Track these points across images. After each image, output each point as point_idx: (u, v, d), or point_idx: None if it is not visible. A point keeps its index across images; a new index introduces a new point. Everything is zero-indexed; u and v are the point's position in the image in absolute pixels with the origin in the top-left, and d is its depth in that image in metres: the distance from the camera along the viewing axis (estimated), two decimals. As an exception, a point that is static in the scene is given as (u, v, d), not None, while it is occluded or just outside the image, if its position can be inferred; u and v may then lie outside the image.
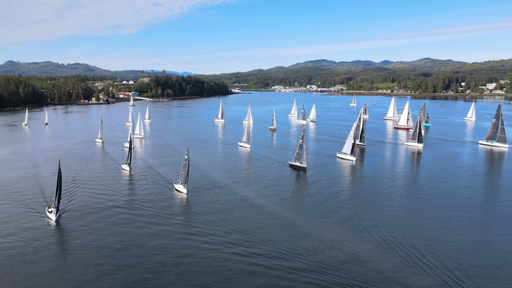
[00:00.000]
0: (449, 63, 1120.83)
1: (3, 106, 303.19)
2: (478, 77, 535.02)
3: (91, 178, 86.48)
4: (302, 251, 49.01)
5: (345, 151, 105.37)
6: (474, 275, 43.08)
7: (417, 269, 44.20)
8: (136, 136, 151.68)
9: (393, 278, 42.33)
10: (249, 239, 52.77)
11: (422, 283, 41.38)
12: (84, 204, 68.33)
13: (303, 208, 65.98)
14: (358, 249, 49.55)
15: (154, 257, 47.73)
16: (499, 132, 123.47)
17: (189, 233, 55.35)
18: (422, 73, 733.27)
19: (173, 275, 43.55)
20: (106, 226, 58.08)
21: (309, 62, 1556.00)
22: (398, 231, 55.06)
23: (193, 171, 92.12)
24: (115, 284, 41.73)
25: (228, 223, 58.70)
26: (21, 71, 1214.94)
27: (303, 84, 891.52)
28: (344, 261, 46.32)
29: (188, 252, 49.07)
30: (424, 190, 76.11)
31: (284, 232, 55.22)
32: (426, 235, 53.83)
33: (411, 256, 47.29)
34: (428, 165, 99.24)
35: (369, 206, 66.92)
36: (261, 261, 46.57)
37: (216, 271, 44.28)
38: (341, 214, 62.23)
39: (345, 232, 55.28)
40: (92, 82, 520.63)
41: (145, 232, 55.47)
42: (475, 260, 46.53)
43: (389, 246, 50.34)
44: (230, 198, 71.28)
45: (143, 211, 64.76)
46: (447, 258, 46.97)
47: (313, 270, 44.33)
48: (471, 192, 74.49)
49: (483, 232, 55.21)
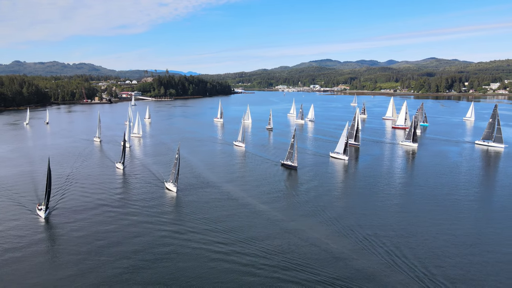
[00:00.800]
0: (454, 63, 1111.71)
1: (7, 105, 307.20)
2: (482, 77, 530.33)
3: (85, 177, 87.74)
4: (284, 250, 49.45)
5: (338, 150, 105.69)
6: (453, 276, 43.34)
7: (396, 268, 44.41)
8: (134, 135, 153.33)
9: (372, 277, 42.62)
10: (231, 238, 53.37)
11: (400, 282, 41.70)
12: (74, 202, 69.41)
13: (289, 207, 66.48)
14: (341, 248, 49.94)
15: (137, 254, 48.55)
16: (495, 132, 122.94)
17: (174, 231, 55.97)
18: (426, 73, 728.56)
19: (153, 271, 44.36)
20: (94, 224, 58.99)
21: (313, 62, 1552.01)
22: (382, 230, 55.33)
23: (185, 169, 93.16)
24: (98, 280, 42.58)
25: (213, 222, 59.33)
26: (27, 71, 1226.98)
27: (307, 84, 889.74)
28: (325, 260, 46.69)
29: (170, 250, 49.86)
30: (412, 190, 76.24)
31: (268, 231, 55.72)
32: (409, 234, 54.10)
33: (391, 255, 47.49)
34: (419, 164, 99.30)
35: (356, 205, 67.33)
36: (240, 258, 47.14)
37: (195, 269, 45.01)
38: (327, 213, 62.61)
39: (329, 231, 55.59)
40: (95, 82, 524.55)
41: (130, 230, 56.20)
42: (457, 262, 46.71)
43: (371, 245, 50.59)
44: (218, 197, 71.99)
45: (132, 209, 65.69)
46: (428, 258, 47.00)
47: (293, 268, 44.77)
48: (459, 192, 74.44)
49: (468, 233, 55.31)
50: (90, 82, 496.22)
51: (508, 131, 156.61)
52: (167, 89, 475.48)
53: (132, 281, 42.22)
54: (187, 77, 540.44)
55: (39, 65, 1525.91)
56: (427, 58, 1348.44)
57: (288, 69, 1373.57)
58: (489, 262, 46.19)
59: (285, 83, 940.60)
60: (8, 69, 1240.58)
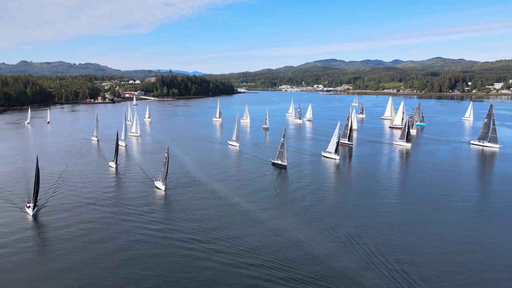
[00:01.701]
0: (460, 63, 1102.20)
1: (11, 105, 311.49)
2: (487, 77, 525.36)
3: (77, 175, 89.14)
4: (264, 248, 49.97)
5: (330, 150, 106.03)
6: (428, 277, 43.71)
7: (373, 268, 44.60)
8: (132, 134, 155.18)
9: (347, 276, 42.88)
10: (211, 236, 53.95)
11: (375, 281, 42.10)
12: (63, 200, 70.62)
13: (274, 207, 66.87)
14: (320, 247, 50.30)
15: (120, 252, 49.56)
16: (490, 132, 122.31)
17: (157, 229, 56.68)
18: (431, 73, 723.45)
19: (133, 268, 45.32)
20: (80, 222, 59.88)
21: (318, 61, 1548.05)
22: (363, 231, 55.59)
23: (176, 168, 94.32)
24: (82, 275, 43.69)
25: (196, 221, 59.97)
26: (33, 71, 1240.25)
27: (310, 84, 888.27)
28: (302, 258, 47.08)
29: (150, 247, 50.77)
30: (399, 190, 76.53)
31: (249, 230, 56.31)
32: (390, 236, 54.39)
33: (371, 256, 47.67)
34: (409, 165, 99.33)
35: (340, 205, 67.74)
36: (217, 257, 47.74)
37: (173, 266, 45.87)
38: (310, 213, 62.92)
39: (310, 230, 55.94)
40: (99, 82, 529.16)
41: (115, 229, 57.05)
42: (435, 264, 47.02)
43: (352, 244, 50.82)
44: (205, 196, 72.67)
45: (119, 207, 66.48)
46: (406, 260, 47.06)
47: (271, 267, 45.33)
48: (446, 192, 74.41)
49: (447, 235, 55.55)
50: (94, 82, 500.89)
51: (504, 131, 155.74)
52: (169, 89, 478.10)
53: (114, 277, 43.18)
54: (190, 77, 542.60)
55: (45, 65, 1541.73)
56: (433, 58, 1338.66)
57: (292, 69, 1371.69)
58: (471, 267, 46.43)
59: (289, 83, 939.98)
60: (15, 69, 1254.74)
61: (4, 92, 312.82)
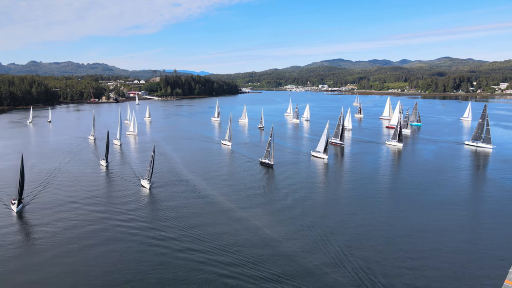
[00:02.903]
0: (468, 62, 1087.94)
1: (16, 104, 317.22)
2: (493, 76, 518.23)
3: (67, 173, 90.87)
4: (237, 247, 50.60)
5: (319, 149, 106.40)
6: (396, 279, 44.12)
7: (341, 267, 44.97)
8: (130, 133, 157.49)
9: (314, 275, 43.25)
10: (188, 234, 54.69)
11: (340, 280, 42.59)
12: (49, 198, 72.12)
13: (254, 205, 67.43)
14: (293, 246, 50.77)
15: (98, 246, 51.08)
16: (484, 133, 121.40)
17: (135, 227, 57.68)
18: (437, 73, 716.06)
19: (105, 265, 46.65)
20: (62, 219, 61.15)
21: (325, 61, 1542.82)
22: (338, 231, 55.88)
23: (164, 166, 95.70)
24: (62, 270, 45.06)
25: (175, 219, 60.76)
26: (43, 71, 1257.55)
27: (316, 83, 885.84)
28: (274, 257, 47.62)
29: (127, 244, 51.98)
30: (380, 190, 76.46)
31: (226, 228, 56.97)
32: (364, 236, 54.79)
33: (340, 255, 48.05)
34: (397, 165, 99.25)
35: (319, 205, 68.09)
36: (191, 255, 48.47)
37: (143, 263, 46.96)
38: (289, 212, 63.40)
39: (286, 229, 56.41)
40: (104, 82, 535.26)
41: (95, 226, 58.09)
42: (403, 266, 47.42)
43: (324, 244, 51.09)
44: (188, 195, 73.39)
45: (100, 206, 67.37)
46: (375, 261, 47.30)
47: (242, 265, 46.04)
48: (430, 193, 74.39)
49: (428, 236, 55.75)
50: (100, 82, 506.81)
51: (500, 131, 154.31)
52: (173, 89, 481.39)
53: (86, 272, 44.54)
54: (194, 77, 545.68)
55: (54, 65, 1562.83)
56: (441, 58, 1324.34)
57: (299, 68, 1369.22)
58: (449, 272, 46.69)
59: (294, 83, 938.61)
60: (24, 69, 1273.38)
61: (10, 92, 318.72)
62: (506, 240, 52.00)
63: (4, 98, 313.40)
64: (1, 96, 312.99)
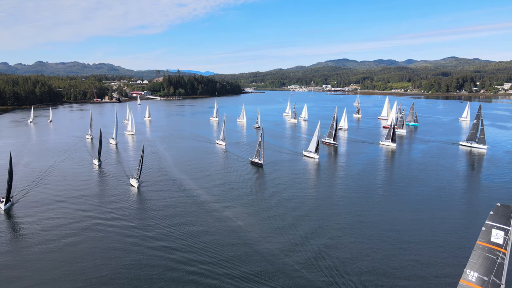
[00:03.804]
0: (474, 62, 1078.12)
1: (20, 104, 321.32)
2: (497, 76, 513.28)
3: (59, 172, 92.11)
4: (214, 246, 51.08)
5: (310, 149, 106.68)
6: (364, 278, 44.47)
7: (316, 267, 45.22)
8: (128, 132, 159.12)
9: (289, 274, 43.52)
10: (168, 233, 55.10)
11: (313, 280, 43.07)
12: (39, 196, 73.03)
13: (239, 205, 67.66)
14: (270, 246, 51.00)
15: (81, 244, 52.00)
16: (479, 133, 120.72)
17: (118, 226, 58.23)
18: (442, 73, 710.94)
19: (83, 261, 47.59)
20: (49, 217, 61.88)
21: (330, 61, 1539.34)
22: (317, 231, 56.02)
23: (156, 165, 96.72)
24: (45, 266, 46.02)
25: (159, 218, 61.20)
26: (49, 71, 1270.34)
27: (319, 83, 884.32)
28: (250, 256, 47.98)
29: (107, 242, 52.87)
30: (365, 191, 76.26)
31: (206, 227, 57.30)
32: (343, 235, 55.01)
33: (317, 255, 48.19)
34: (388, 165, 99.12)
35: (304, 204, 68.08)
36: (168, 254, 48.95)
37: (119, 260, 47.79)
38: (273, 211, 63.56)
39: (266, 228, 56.66)
40: (108, 82, 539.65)
41: (80, 224, 58.74)
42: (369, 262, 47.71)
43: (302, 244, 51.28)
44: (175, 194, 73.73)
45: (88, 205, 67.76)
46: (350, 263, 47.74)
47: (214, 262, 46.56)
48: (412, 194, 74.38)
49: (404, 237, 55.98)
50: (103, 82, 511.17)
51: (495, 132, 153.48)
52: (176, 89, 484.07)
53: (73, 268, 45.54)
54: (197, 77, 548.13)
55: (60, 65, 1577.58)
56: (447, 58, 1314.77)
57: (303, 69, 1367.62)
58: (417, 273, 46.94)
59: (298, 83, 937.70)
60: (31, 69, 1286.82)
61: (14, 91, 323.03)
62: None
63: (8, 98, 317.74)
64: (5, 96, 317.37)
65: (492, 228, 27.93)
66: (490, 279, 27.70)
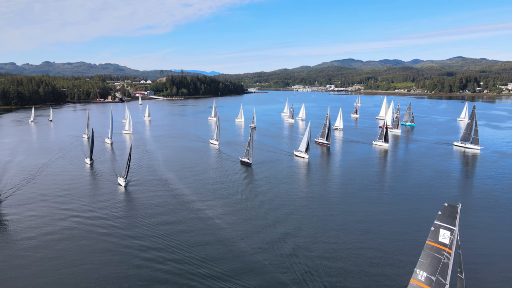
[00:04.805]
0: (481, 62, 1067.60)
1: (24, 104, 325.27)
2: (501, 76, 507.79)
3: (51, 170, 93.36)
4: (191, 245, 51.42)
5: (301, 148, 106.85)
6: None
7: (287, 267, 45.42)
8: (126, 132, 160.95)
9: (260, 273, 43.82)
10: (146, 233, 55.45)
11: (283, 279, 43.32)
12: (27, 194, 74.09)
13: (223, 204, 67.92)
14: (246, 245, 51.27)
15: (62, 241, 52.92)
16: (472, 134, 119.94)
17: (98, 225, 58.63)
18: (447, 72, 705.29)
19: (60, 258, 48.50)
20: (32, 216, 62.69)
21: (335, 61, 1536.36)
22: (295, 231, 56.17)
23: (146, 164, 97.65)
24: (23, 262, 46.98)
25: (141, 217, 61.72)
26: (56, 71, 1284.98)
27: (323, 83, 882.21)
28: (224, 255, 48.34)
29: (88, 240, 53.79)
30: (349, 190, 76.46)
31: (185, 227, 57.70)
32: (318, 236, 55.15)
33: (291, 255, 48.42)
34: (375, 164, 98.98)
35: (286, 204, 68.19)
36: (146, 253, 49.53)
37: (94, 257, 48.63)
38: (254, 211, 63.74)
39: (245, 228, 56.95)
40: (112, 82, 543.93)
41: (61, 223, 59.42)
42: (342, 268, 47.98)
43: (278, 244, 51.43)
44: (161, 194, 74.06)
45: (73, 204, 68.34)
46: (323, 266, 48.05)
47: (187, 262, 47.07)
48: (402, 199, 74.40)
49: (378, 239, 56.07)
50: (107, 82, 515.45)
51: (490, 132, 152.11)
52: (179, 89, 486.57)
53: (48, 264, 46.51)
54: (199, 77, 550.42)
55: (67, 65, 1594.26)
56: (453, 57, 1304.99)
57: (308, 68, 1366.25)
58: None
59: (302, 83, 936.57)
60: (38, 70, 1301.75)
61: (18, 91, 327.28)
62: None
63: (12, 97, 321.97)
64: (9, 96, 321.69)
65: (440, 228, 28.08)
66: (437, 278, 27.84)
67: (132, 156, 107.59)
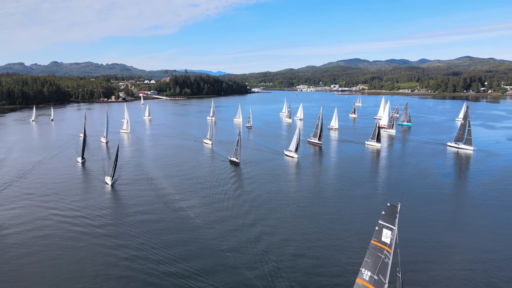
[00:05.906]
0: (489, 62, 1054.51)
1: (28, 103, 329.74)
2: (508, 76, 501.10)
3: (42, 168, 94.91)
4: (168, 246, 51.81)
5: (291, 148, 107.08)
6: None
7: (259, 268, 45.61)
8: (123, 131, 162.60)
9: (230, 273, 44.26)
10: (126, 232, 55.86)
11: (252, 279, 43.82)
12: (12, 191, 75.53)
13: (205, 204, 68.37)
14: (221, 246, 51.58)
15: (44, 239, 53.94)
16: (466, 134, 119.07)
17: (77, 223, 59.51)
18: (453, 72, 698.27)
19: (49, 259, 49.55)
20: (20, 213, 63.89)
21: (341, 61, 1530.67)
22: (273, 231, 56.32)
23: (136, 163, 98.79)
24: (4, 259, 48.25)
25: (122, 215, 62.37)
26: (63, 71, 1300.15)
27: (328, 83, 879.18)
28: (198, 254, 48.92)
29: (71, 239, 54.85)
30: (333, 192, 76.57)
31: (166, 226, 58.27)
32: (293, 237, 55.58)
33: (263, 256, 48.76)
34: (360, 164, 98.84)
35: (267, 204, 68.52)
36: (121, 252, 50.33)
37: (67, 257, 49.66)
38: (236, 211, 64.00)
39: (223, 227, 57.34)
40: (116, 82, 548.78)
41: (42, 221, 60.28)
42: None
43: (252, 243, 51.76)
44: (147, 193, 74.49)
45: (54, 202, 69.03)
46: (306, 272, 48.57)
47: (162, 261, 47.99)
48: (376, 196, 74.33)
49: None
50: (111, 82, 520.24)
51: (484, 132, 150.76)
52: (182, 89, 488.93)
53: (25, 260, 47.62)
54: (203, 77, 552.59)
55: (74, 65, 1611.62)
56: (461, 57, 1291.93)
57: (314, 68, 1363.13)
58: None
59: (307, 83, 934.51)
60: (46, 70, 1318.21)
61: (22, 91, 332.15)
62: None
63: (16, 97, 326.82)
64: (14, 96, 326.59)
65: (383, 228, 28.29)
66: (378, 277, 28.08)
67: (124, 155, 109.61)
